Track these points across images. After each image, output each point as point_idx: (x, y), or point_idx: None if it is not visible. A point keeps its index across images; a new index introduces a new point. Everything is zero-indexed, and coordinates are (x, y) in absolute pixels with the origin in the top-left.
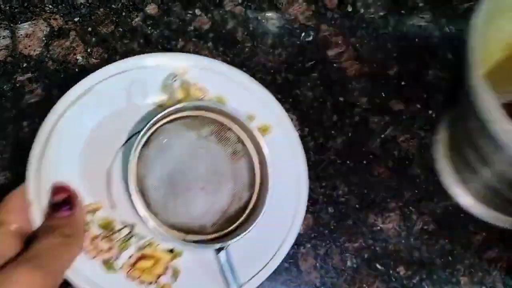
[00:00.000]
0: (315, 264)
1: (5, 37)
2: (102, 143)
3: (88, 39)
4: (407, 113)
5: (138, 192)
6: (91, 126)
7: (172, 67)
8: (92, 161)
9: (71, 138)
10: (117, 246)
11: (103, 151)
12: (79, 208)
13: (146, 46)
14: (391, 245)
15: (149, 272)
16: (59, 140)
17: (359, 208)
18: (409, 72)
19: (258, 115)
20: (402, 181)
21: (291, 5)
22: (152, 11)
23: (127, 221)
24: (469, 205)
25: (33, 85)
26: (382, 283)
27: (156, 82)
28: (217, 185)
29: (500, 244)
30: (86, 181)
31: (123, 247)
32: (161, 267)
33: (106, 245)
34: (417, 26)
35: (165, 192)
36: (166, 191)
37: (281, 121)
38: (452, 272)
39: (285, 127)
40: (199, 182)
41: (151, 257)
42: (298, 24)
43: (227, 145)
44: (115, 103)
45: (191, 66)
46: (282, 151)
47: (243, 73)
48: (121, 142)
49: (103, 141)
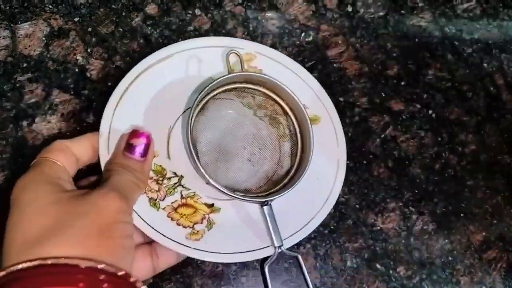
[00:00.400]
0: (315, 264)
1: (5, 37)
2: (167, 106)
3: (88, 39)
4: (407, 113)
5: (194, 151)
6: (157, 91)
7: (231, 47)
8: (157, 119)
9: (140, 99)
10: (165, 190)
11: (167, 113)
12: (151, 156)
13: (146, 46)
14: (391, 245)
15: (187, 218)
16: (130, 99)
17: (359, 208)
18: (409, 72)
19: (311, 106)
20: (402, 181)
21: (291, 5)
22: (152, 11)
23: (177, 172)
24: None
25: (33, 85)
26: (382, 283)
27: (216, 58)
28: (263, 154)
29: (500, 244)
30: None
31: (169, 192)
32: (199, 217)
33: (156, 187)
34: (417, 26)
35: (216, 156)
36: (217, 155)
37: (331, 114)
38: (452, 272)
39: (333, 120)
40: (246, 151)
41: (192, 207)
42: (298, 24)
43: (273, 117)
44: (178, 74)
45: (253, 51)
46: (328, 139)
47: (300, 65)
48: (182, 107)
49: (168, 105)
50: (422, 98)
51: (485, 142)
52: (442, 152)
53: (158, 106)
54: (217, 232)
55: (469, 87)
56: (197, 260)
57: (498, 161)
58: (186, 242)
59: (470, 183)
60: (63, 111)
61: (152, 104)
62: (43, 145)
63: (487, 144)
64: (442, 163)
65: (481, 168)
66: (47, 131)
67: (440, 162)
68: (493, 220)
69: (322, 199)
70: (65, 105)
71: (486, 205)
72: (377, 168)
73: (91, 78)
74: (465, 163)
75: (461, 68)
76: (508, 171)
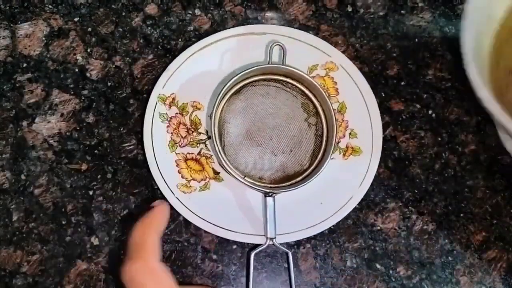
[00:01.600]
0: (315, 264)
1: (5, 37)
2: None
3: (88, 39)
4: (407, 113)
5: (218, 130)
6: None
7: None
8: (205, 89)
9: (190, 76)
10: (189, 140)
11: (212, 88)
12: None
13: (146, 46)
14: (391, 245)
15: (190, 172)
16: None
17: (359, 208)
18: (409, 72)
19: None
20: (402, 181)
21: (291, 5)
22: (152, 11)
23: (209, 132)
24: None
25: (33, 85)
26: (382, 283)
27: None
28: (287, 148)
29: (500, 244)
30: (202, 96)
31: (191, 144)
32: (201, 176)
33: (184, 133)
34: (417, 26)
35: (241, 140)
36: (242, 139)
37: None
38: (452, 272)
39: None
40: (272, 141)
41: (200, 165)
42: (298, 24)
43: (306, 115)
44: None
45: (337, 63)
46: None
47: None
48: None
49: (212, 83)
50: (422, 98)
51: (485, 142)
52: (442, 152)
53: (226, 70)
54: (207, 197)
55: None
56: (197, 260)
57: (498, 161)
58: (174, 189)
59: (470, 183)
60: (63, 111)
61: (212, 73)
62: (43, 145)
63: (487, 144)
64: (442, 163)
65: (481, 168)
66: (47, 131)
67: (440, 162)
68: (493, 220)
69: (334, 209)
70: (65, 105)
71: (486, 205)
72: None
73: (91, 78)
74: (465, 163)
75: (461, 68)
76: (508, 171)
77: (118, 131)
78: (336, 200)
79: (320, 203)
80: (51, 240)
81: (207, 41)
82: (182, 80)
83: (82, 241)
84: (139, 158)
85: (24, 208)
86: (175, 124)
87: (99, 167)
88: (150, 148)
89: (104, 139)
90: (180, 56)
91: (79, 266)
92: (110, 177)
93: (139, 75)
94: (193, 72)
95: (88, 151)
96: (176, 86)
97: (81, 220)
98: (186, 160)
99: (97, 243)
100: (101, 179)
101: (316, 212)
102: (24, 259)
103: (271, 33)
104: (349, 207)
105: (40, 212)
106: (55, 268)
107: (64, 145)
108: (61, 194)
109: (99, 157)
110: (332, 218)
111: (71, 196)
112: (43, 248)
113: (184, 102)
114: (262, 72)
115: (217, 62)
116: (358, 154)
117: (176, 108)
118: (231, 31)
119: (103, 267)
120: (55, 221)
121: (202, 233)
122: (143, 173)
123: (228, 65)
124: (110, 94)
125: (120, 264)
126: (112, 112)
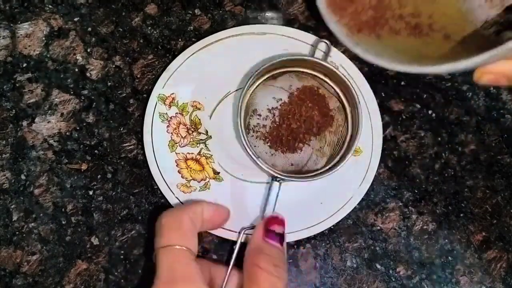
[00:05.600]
0: (315, 264)
1: (5, 37)
2: (236, 72)
3: (88, 39)
4: (407, 113)
5: (245, 108)
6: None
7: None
8: (220, 81)
9: (190, 76)
10: (189, 140)
11: (234, 77)
12: (285, 244)
13: (146, 46)
14: (391, 245)
15: (190, 172)
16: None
17: (358, 208)
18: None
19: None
20: (402, 181)
21: (291, 5)
22: (152, 11)
23: (208, 132)
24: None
25: (33, 85)
26: (382, 283)
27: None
28: (311, 143)
29: (500, 244)
30: (202, 96)
31: (191, 144)
32: (200, 176)
33: (184, 134)
34: None
35: (264, 125)
36: (266, 126)
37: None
38: (452, 272)
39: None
40: (293, 137)
41: (200, 165)
42: (298, 24)
43: (335, 116)
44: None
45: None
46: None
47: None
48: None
49: (236, 72)
50: (422, 98)
51: (485, 142)
52: (442, 152)
53: (227, 70)
54: (207, 197)
55: (469, 87)
56: None
57: (498, 161)
58: (174, 189)
59: (470, 183)
60: (63, 111)
61: (212, 73)
62: (43, 145)
63: (487, 144)
64: (442, 163)
65: (481, 168)
66: (47, 131)
67: (440, 162)
68: (493, 220)
69: (334, 209)
70: (65, 105)
71: (486, 205)
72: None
73: (91, 78)
74: (465, 163)
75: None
76: (508, 171)
77: (118, 131)
78: (336, 200)
79: (320, 203)
80: (51, 240)
81: (207, 41)
82: (182, 80)
83: (82, 241)
84: (139, 158)
85: (24, 208)
86: (175, 124)
87: (99, 167)
88: (150, 148)
89: (104, 139)
90: (180, 56)
91: (79, 266)
92: (110, 177)
93: (139, 75)
94: (193, 72)
95: (88, 151)
96: (176, 86)
97: (81, 220)
98: (186, 160)
99: (97, 243)
100: (101, 179)
101: (316, 212)
102: (24, 259)
103: (271, 33)
104: (349, 207)
105: (40, 212)
106: (55, 268)
107: (64, 145)
108: (61, 194)
109: (99, 157)
110: (332, 218)
111: (71, 196)
112: (43, 248)
113: (184, 102)
114: (302, 65)
115: (217, 62)
116: (358, 154)
117: (176, 108)
118: (231, 31)
119: (103, 267)
120: (55, 221)
121: (202, 233)
122: (143, 173)
123: (228, 65)
124: (110, 94)
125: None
126: (112, 112)
